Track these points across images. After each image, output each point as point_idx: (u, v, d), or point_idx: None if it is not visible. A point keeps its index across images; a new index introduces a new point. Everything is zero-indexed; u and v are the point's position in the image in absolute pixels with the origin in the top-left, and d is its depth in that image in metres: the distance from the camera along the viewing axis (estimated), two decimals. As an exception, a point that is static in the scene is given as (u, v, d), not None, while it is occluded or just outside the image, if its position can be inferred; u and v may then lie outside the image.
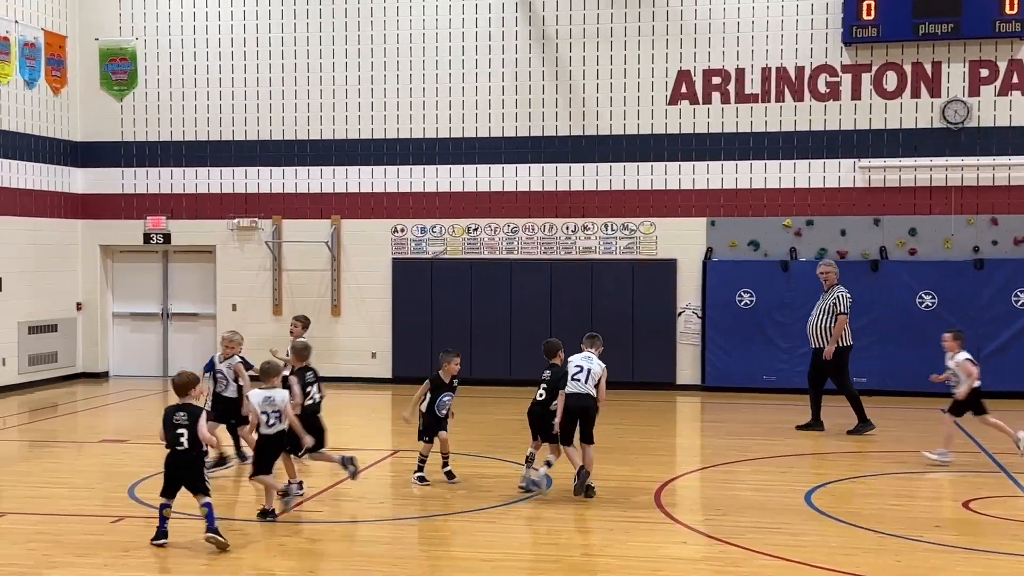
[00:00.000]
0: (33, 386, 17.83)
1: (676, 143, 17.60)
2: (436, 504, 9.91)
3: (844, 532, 8.90)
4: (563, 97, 17.88)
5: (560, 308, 17.65)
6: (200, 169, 18.93)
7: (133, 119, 19.09)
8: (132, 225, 19.12)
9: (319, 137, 18.56)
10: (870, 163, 17.04)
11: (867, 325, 16.79)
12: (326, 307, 18.54)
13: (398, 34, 18.28)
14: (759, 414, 15.29)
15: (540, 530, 9.08)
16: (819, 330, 13.70)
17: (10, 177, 17.53)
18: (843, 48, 17.05)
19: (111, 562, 8.04)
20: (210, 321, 19.00)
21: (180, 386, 8.61)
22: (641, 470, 11.31)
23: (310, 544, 8.71)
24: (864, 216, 17.07)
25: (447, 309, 17.82)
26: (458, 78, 18.11)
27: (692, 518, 9.36)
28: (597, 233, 17.87)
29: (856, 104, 17.07)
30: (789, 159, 17.30)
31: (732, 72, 17.38)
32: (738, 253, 17.36)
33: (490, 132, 18.07)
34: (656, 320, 17.49)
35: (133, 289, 19.54)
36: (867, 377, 16.77)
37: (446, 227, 18.27)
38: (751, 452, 12.38)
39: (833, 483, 10.74)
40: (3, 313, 17.28)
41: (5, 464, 12.26)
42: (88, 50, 19.10)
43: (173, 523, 8.56)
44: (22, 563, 8.01)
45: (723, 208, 17.49)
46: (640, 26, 17.64)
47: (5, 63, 17.38)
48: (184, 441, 8.40)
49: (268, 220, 18.68)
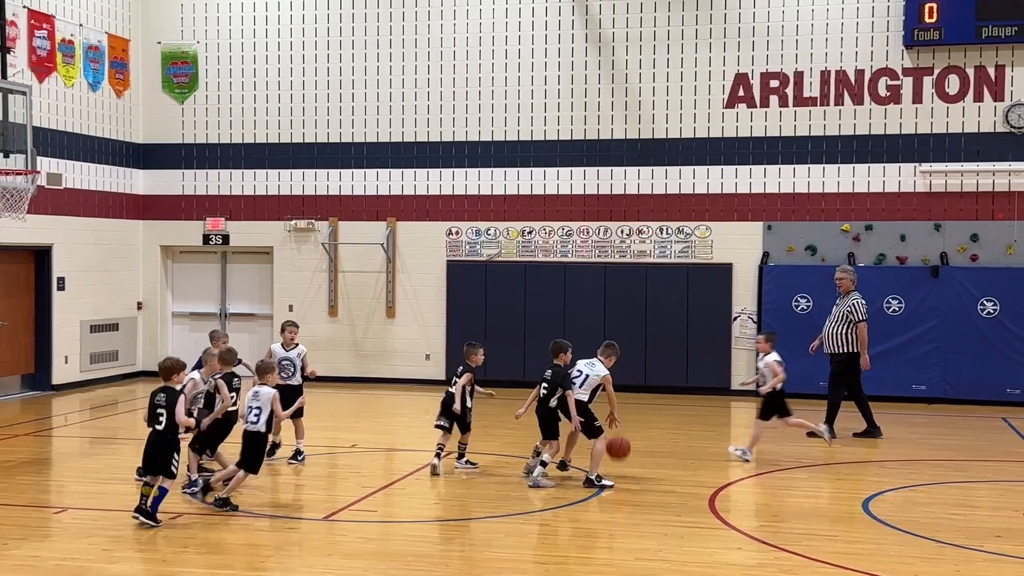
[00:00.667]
0: (94, 384, 18.15)
1: (733, 146, 17.49)
2: (487, 505, 9.93)
3: (902, 540, 8.79)
4: (619, 100, 17.84)
5: (614, 312, 17.61)
6: (258, 171, 19.15)
7: (194, 121, 19.37)
8: (192, 226, 19.39)
9: (375, 140, 18.69)
10: (931, 167, 16.79)
11: (927, 332, 16.59)
12: (381, 309, 18.66)
13: (455, 37, 18.35)
14: (815, 420, 15.10)
15: (593, 534, 9.06)
16: (834, 337, 13.58)
17: (74, 178, 17.86)
18: (904, 51, 16.83)
19: (170, 557, 8.16)
20: (267, 321, 19.20)
21: (165, 370, 9.30)
22: (696, 475, 11.24)
23: (364, 543, 8.77)
24: (925, 221, 16.83)
25: (501, 312, 17.85)
26: (514, 81, 18.15)
27: (747, 524, 9.29)
28: (652, 237, 17.80)
29: (917, 108, 16.84)
30: (848, 163, 17.10)
31: (790, 75, 17.22)
32: (795, 258, 17.20)
33: (545, 135, 18.08)
34: (711, 325, 17.38)
35: (192, 289, 19.82)
36: (927, 385, 16.59)
37: (501, 230, 18.30)
38: (807, 459, 12.26)
39: (891, 491, 10.60)
40: (66, 312, 17.60)
41: (67, 460, 12.50)
42: (150, 53, 19.41)
43: (230, 518, 8.66)
44: (83, 557, 8.15)
45: (780, 212, 17.34)
46: (697, 29, 17.55)
47: (70, 66, 17.71)
48: (162, 421, 8.98)
49: (324, 222, 18.84)
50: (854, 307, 13.46)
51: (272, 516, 9.52)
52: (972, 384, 16.45)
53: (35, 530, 9.10)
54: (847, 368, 13.55)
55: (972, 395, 16.39)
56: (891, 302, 16.70)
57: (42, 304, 17.37)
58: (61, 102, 17.58)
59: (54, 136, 17.37)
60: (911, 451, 12.89)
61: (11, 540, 8.64)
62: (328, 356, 18.20)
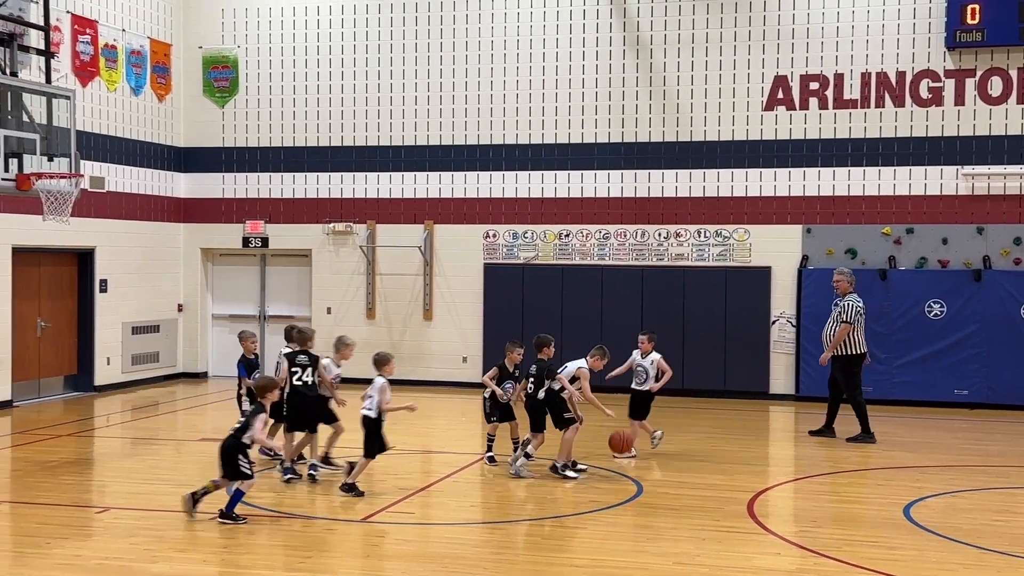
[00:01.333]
0: (135, 385, 18.34)
1: (772, 149, 17.39)
2: (524, 508, 9.93)
3: (943, 547, 8.69)
4: (657, 103, 17.79)
5: (651, 316, 17.54)
6: (297, 174, 19.29)
7: (234, 125, 19.54)
8: (231, 229, 19.56)
9: (413, 143, 18.77)
10: (973, 170, 16.61)
11: (969, 336, 16.41)
12: (418, 311, 18.72)
13: (492, 41, 18.39)
14: (855, 425, 14.99)
15: (631, 537, 9.04)
16: (828, 338, 13.67)
17: (116, 181, 18.07)
18: (946, 52, 16.66)
19: (210, 558, 8.23)
20: (305, 324, 19.27)
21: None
22: (734, 479, 11.18)
23: (401, 545, 8.80)
24: (967, 224, 16.65)
25: (538, 314, 17.82)
26: (551, 84, 18.15)
27: (786, 529, 9.23)
28: (689, 240, 17.73)
29: (959, 110, 16.66)
30: (889, 166, 16.95)
31: (831, 77, 17.10)
32: (835, 261, 17.06)
33: (583, 138, 18.07)
34: (749, 328, 17.28)
35: (232, 291, 19.98)
36: (968, 390, 16.41)
37: (538, 233, 18.31)
38: (847, 464, 12.16)
39: (932, 497, 10.49)
40: (108, 313, 17.81)
41: (108, 460, 12.64)
42: (192, 58, 19.60)
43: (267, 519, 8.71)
44: (125, 557, 8.24)
45: (819, 215, 17.23)
46: (736, 31, 17.48)
47: (112, 71, 17.93)
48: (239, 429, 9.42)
49: (363, 225, 18.94)
50: (845, 308, 13.51)
51: (311, 517, 9.58)
52: (1015, 389, 16.24)
53: (78, 529, 9.22)
54: (847, 369, 13.59)
55: (1015, 400, 16.19)
56: (933, 306, 16.54)
57: (85, 306, 17.59)
58: (104, 106, 17.80)
59: (97, 140, 17.59)
60: (953, 457, 12.75)
61: (54, 539, 8.76)
62: (366, 358, 18.20)
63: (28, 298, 16.51)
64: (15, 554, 8.49)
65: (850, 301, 13.58)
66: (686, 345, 17.36)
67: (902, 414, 15.92)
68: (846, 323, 13.41)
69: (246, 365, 11.86)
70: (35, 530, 9.06)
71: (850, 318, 13.43)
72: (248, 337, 11.76)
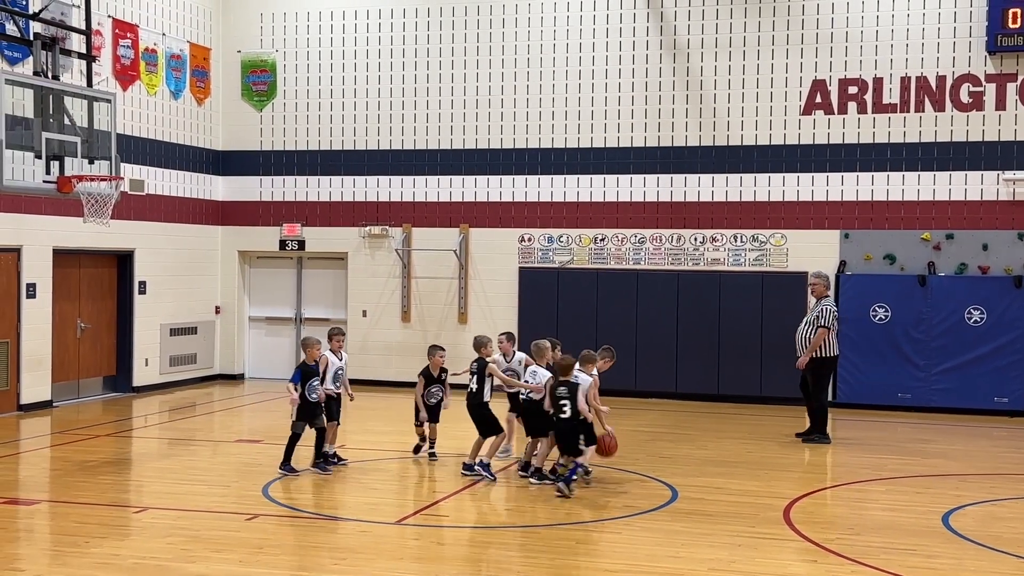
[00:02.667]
0: (173, 386, 18.50)
1: (809, 154, 17.28)
2: (559, 513, 9.92)
3: (983, 556, 8.59)
4: (693, 107, 17.73)
5: (686, 320, 17.49)
6: (334, 178, 19.38)
7: (272, 128, 19.67)
8: (269, 232, 19.69)
9: (449, 147, 18.81)
10: (1015, 175, 16.41)
11: (1010, 343, 16.22)
12: (453, 315, 18.75)
13: (528, 45, 18.40)
14: (893, 432, 14.88)
15: (665, 543, 9.00)
16: (804, 340, 13.84)
17: (156, 184, 18.24)
18: (987, 57, 16.48)
19: (246, 558, 8.28)
20: (341, 326, 19.35)
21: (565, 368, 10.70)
22: (770, 486, 11.11)
23: (435, 548, 8.81)
24: (1008, 231, 16.45)
25: (572, 319, 17.81)
26: (588, 88, 18.13)
27: (822, 536, 9.15)
28: (726, 245, 17.64)
29: (1000, 115, 16.48)
30: (929, 171, 16.79)
31: (869, 81, 16.97)
32: (873, 267, 16.93)
33: (619, 142, 18.03)
34: (786, 334, 17.10)
35: (268, 294, 20.11)
36: (1009, 397, 16.21)
37: (573, 237, 18.29)
38: (885, 471, 12.05)
39: (972, 505, 10.37)
40: (147, 315, 17.98)
41: (146, 461, 12.75)
42: (230, 62, 19.76)
43: (301, 521, 8.72)
44: (162, 557, 8.31)
45: (858, 220, 17.09)
46: (774, 35, 17.38)
47: (153, 74, 18.11)
48: (566, 410, 10.46)
49: (398, 228, 19.00)
50: (823, 312, 13.70)
51: (345, 519, 9.61)
52: (1057, 397, 16.03)
53: (115, 529, 9.30)
54: (819, 371, 13.83)
55: (1057, 409, 15.98)
56: (972, 313, 16.36)
57: (124, 307, 17.77)
58: (144, 110, 17.98)
59: (137, 143, 17.76)
60: (993, 465, 12.59)
61: (92, 538, 8.84)
62: (401, 361, 18.35)
63: (68, 299, 16.70)
64: (54, 553, 8.58)
65: (827, 305, 13.84)
66: (722, 350, 17.29)
67: (941, 421, 15.76)
68: (824, 327, 13.67)
69: (303, 371, 11.35)
70: (74, 529, 9.16)
71: (828, 322, 13.70)
72: (312, 344, 11.56)
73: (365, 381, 18.92)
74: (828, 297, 14.09)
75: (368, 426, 15.13)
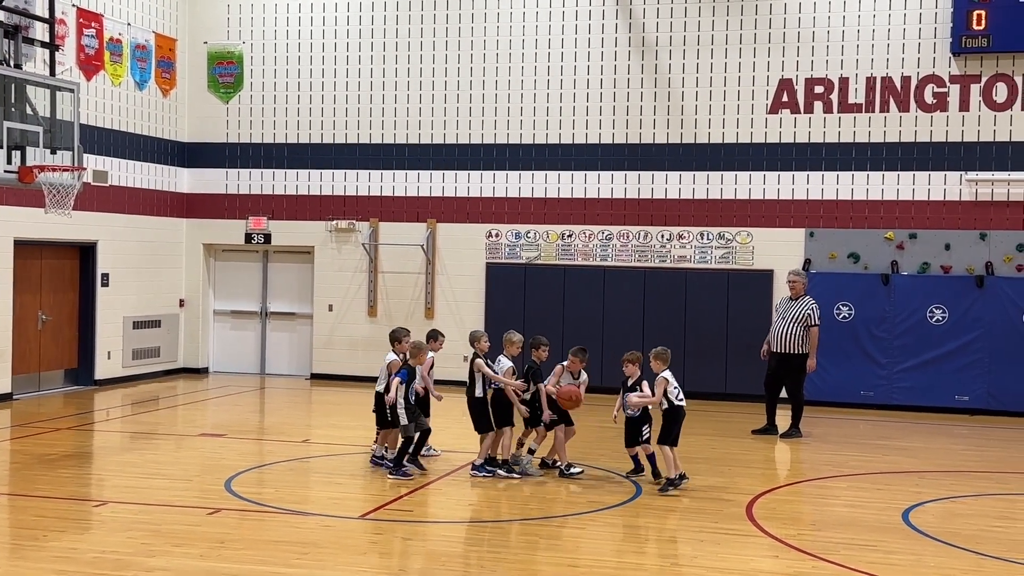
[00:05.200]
0: (136, 379, 18.34)
1: (776, 152, 17.37)
2: (522, 508, 9.92)
3: (941, 552, 8.67)
4: (661, 104, 17.78)
5: (653, 317, 17.55)
6: (301, 171, 19.28)
7: (238, 121, 19.54)
8: (234, 225, 19.55)
9: (417, 141, 18.76)
10: (977, 176, 16.58)
11: (971, 342, 16.39)
12: (420, 310, 18.71)
13: (498, 40, 18.38)
14: (856, 429, 15.01)
15: (629, 538, 9.02)
16: (786, 337, 13.98)
17: (119, 176, 18.07)
18: (951, 58, 16.64)
19: (207, 552, 8.22)
20: (307, 320, 19.32)
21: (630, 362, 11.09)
22: (734, 482, 11.17)
23: (399, 543, 8.78)
24: (970, 230, 16.62)
25: (539, 315, 17.81)
26: (556, 84, 18.14)
27: (784, 532, 9.20)
28: (692, 242, 17.71)
29: (964, 116, 16.64)
30: (893, 170, 16.94)
31: (835, 81, 17.08)
32: (837, 265, 17.05)
33: (587, 139, 18.06)
34: (751, 331, 17.21)
35: (234, 287, 19.98)
36: (969, 396, 16.38)
37: (540, 233, 18.30)
38: (847, 467, 12.15)
39: (932, 502, 10.48)
40: (109, 308, 17.81)
41: (107, 454, 12.64)
42: (197, 53, 19.60)
43: (264, 515, 8.66)
44: (121, 551, 8.23)
45: (823, 219, 17.20)
46: (741, 34, 17.46)
47: (117, 64, 17.93)
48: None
49: (365, 222, 18.93)
50: (813, 311, 13.95)
51: (308, 513, 9.57)
52: (1016, 396, 16.22)
53: (75, 523, 9.22)
54: (799, 368, 14.02)
55: (1016, 407, 16.17)
56: (935, 311, 16.52)
57: (86, 300, 17.59)
58: (108, 100, 17.80)
59: (101, 134, 17.58)
60: (953, 462, 12.73)
61: (51, 532, 8.75)
62: (367, 356, 18.27)
63: (29, 291, 16.50)
64: (12, 546, 8.49)
65: (812, 303, 14.07)
66: (687, 347, 17.33)
67: (903, 419, 15.91)
68: (816, 326, 13.97)
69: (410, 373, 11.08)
70: (32, 523, 9.06)
71: (818, 320, 14.00)
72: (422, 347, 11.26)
73: (331, 376, 18.88)
74: (807, 295, 14.19)
75: (333, 420, 15.08)
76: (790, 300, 14.21)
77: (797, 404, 14.15)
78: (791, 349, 13.98)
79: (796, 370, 14.05)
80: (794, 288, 14.21)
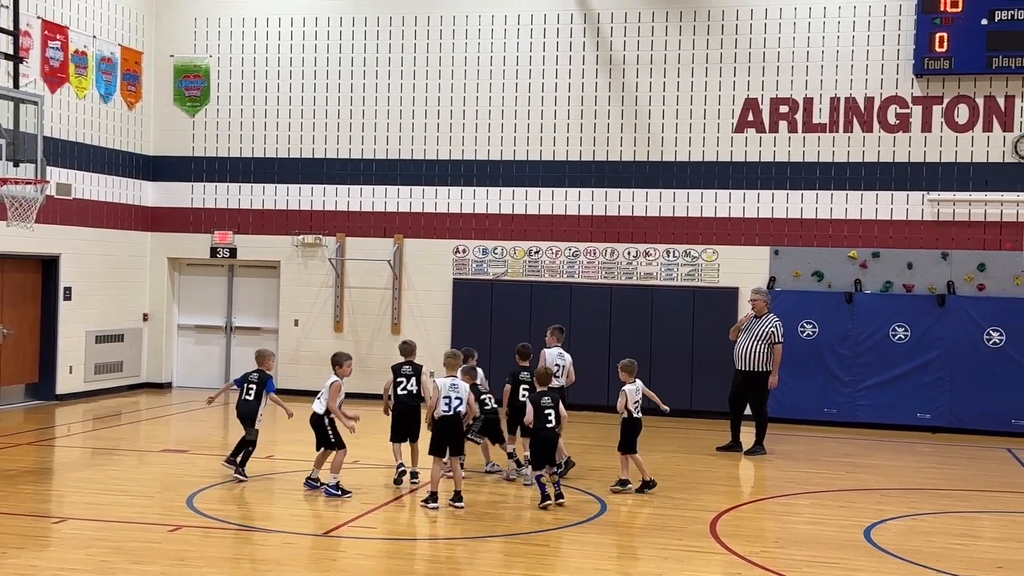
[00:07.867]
0: (98, 394, 18.15)
1: (741, 171, 17.50)
2: (488, 526, 9.90)
3: (903, 569, 8.74)
4: (628, 122, 17.87)
5: (619, 333, 17.59)
6: (267, 185, 19.21)
7: (204, 135, 19.44)
8: (199, 239, 19.44)
9: (384, 156, 18.74)
10: (939, 196, 16.78)
11: (932, 361, 16.55)
12: (386, 325, 18.66)
13: (466, 56, 18.42)
14: (820, 447, 15.10)
15: (593, 555, 9.02)
16: (750, 355, 14.17)
17: (83, 189, 17.92)
18: (914, 80, 16.85)
19: (167, 570, 8.14)
20: (272, 335, 19.20)
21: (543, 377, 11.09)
22: (698, 499, 11.20)
23: (362, 560, 8.74)
24: (932, 250, 16.81)
25: (506, 331, 17.78)
26: (524, 101, 18.20)
27: (747, 549, 9.24)
28: (658, 259, 17.80)
29: (926, 136, 16.85)
30: (856, 190, 17.10)
31: (800, 101, 17.25)
32: (801, 283, 17.18)
33: (554, 156, 18.12)
34: (717, 348, 17.30)
35: (198, 302, 19.84)
36: (931, 414, 16.53)
37: (508, 249, 18.32)
38: (810, 485, 12.22)
39: (894, 519, 10.55)
40: (71, 322, 17.63)
41: (68, 470, 12.49)
42: (163, 66, 19.50)
43: (226, 532, 8.60)
44: (81, 568, 8.14)
45: (787, 238, 17.34)
46: (708, 53, 17.59)
47: (83, 77, 17.80)
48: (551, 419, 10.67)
49: (332, 237, 18.88)
50: (776, 328, 14.12)
51: (270, 531, 9.50)
52: (977, 414, 16.38)
53: (34, 539, 9.10)
54: (763, 385, 14.20)
55: (977, 425, 16.32)
56: (897, 330, 16.67)
57: (48, 313, 17.40)
58: (73, 113, 17.66)
59: (65, 146, 17.44)
60: (914, 480, 12.83)
61: (10, 549, 8.63)
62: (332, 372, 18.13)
63: (-10, 304, 16.32)
64: (-32, 564, 8.37)
65: (776, 320, 14.23)
66: (653, 364, 17.36)
67: (866, 436, 16.03)
68: (780, 343, 14.13)
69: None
70: (-10, 539, 8.94)
71: (782, 337, 14.16)
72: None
73: (296, 391, 18.73)
74: (771, 313, 14.32)
75: (298, 436, 14.97)
76: (755, 318, 14.30)
77: (761, 421, 14.28)
78: (755, 367, 14.10)
79: (760, 387, 14.18)
80: (755, 306, 14.37)
